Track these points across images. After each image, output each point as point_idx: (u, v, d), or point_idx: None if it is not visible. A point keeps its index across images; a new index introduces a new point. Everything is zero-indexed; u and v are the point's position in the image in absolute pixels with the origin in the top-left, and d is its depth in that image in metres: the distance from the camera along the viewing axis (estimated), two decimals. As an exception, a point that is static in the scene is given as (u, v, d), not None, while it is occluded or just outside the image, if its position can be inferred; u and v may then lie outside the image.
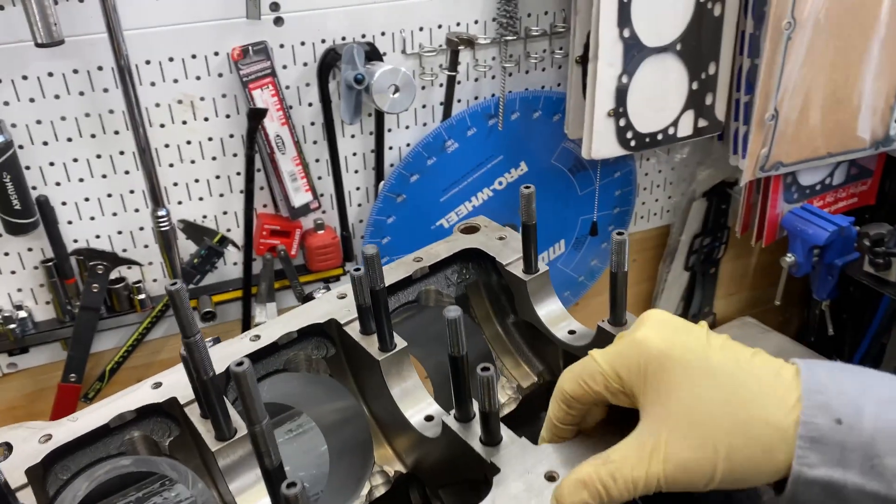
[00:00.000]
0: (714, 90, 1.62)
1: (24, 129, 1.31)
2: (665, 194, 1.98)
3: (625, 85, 1.51)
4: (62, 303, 1.45)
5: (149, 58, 1.34)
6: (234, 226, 1.54)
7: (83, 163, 1.37)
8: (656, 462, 0.55)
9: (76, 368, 1.48)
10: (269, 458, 0.54)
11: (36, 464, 0.66)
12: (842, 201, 1.92)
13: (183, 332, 0.61)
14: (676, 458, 0.55)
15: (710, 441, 0.54)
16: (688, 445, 0.55)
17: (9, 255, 1.40)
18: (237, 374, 0.50)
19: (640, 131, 1.58)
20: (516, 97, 1.62)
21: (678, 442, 0.55)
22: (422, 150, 1.58)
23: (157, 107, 1.38)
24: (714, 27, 1.56)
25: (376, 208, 1.59)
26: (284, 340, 0.79)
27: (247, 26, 1.37)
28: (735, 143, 1.68)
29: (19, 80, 1.28)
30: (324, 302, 0.83)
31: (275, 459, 0.54)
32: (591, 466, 0.57)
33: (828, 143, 1.69)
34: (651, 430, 0.57)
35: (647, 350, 0.58)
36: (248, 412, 0.52)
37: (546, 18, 1.59)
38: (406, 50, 1.50)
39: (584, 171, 1.78)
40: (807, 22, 1.51)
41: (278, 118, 1.43)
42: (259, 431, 0.53)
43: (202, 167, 1.46)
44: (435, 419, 0.73)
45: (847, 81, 1.63)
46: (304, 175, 1.50)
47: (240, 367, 0.50)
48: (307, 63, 1.44)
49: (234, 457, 0.68)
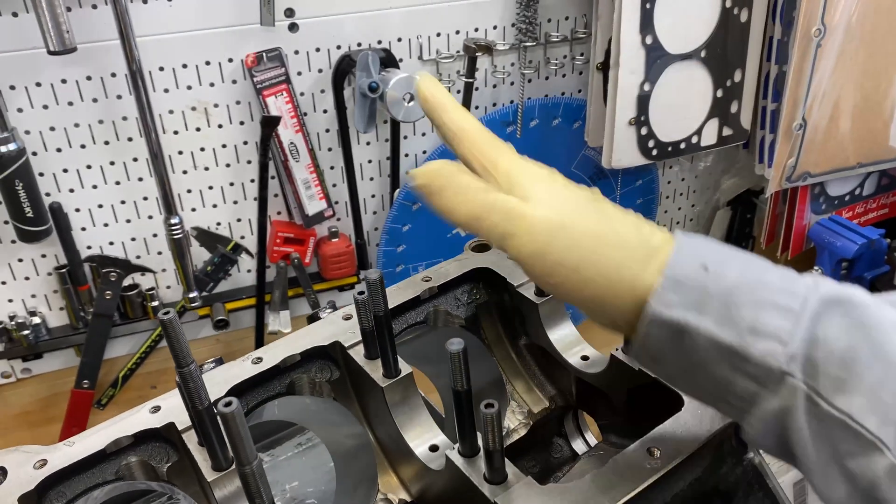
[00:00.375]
0: (740, 98, 1.58)
1: (37, 136, 1.31)
2: (688, 203, 1.93)
3: (647, 93, 1.47)
4: (75, 309, 1.45)
5: (162, 64, 1.32)
6: (247, 233, 1.53)
7: (96, 169, 1.37)
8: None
9: (89, 375, 1.48)
10: (261, 498, 0.52)
11: (30, 490, 0.65)
12: (872, 212, 1.86)
13: (177, 361, 0.58)
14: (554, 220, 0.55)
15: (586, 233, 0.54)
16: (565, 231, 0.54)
17: (23, 261, 1.39)
18: (224, 415, 0.48)
19: (662, 140, 1.54)
20: (535, 104, 1.59)
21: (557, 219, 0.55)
22: (438, 157, 1.55)
23: (170, 113, 1.37)
24: (740, 33, 1.51)
25: (392, 216, 1.57)
26: (287, 363, 0.77)
27: (261, 32, 1.35)
28: (761, 152, 1.63)
29: (33, 87, 1.27)
30: (328, 323, 0.80)
31: (266, 500, 0.52)
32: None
33: (858, 153, 1.64)
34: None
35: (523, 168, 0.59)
36: (238, 453, 0.50)
37: (566, 24, 1.56)
38: (423, 56, 1.48)
39: (605, 179, 1.74)
40: (837, 28, 1.46)
41: (292, 125, 1.42)
42: (249, 472, 0.50)
43: (216, 174, 1.45)
44: (440, 450, 0.70)
45: (878, 89, 1.57)
46: (318, 182, 1.48)
47: (228, 407, 0.48)
48: (322, 69, 1.42)
49: (231, 487, 0.65)
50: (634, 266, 0.53)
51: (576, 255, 0.54)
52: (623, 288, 0.53)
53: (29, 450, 0.69)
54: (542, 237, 0.54)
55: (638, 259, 0.53)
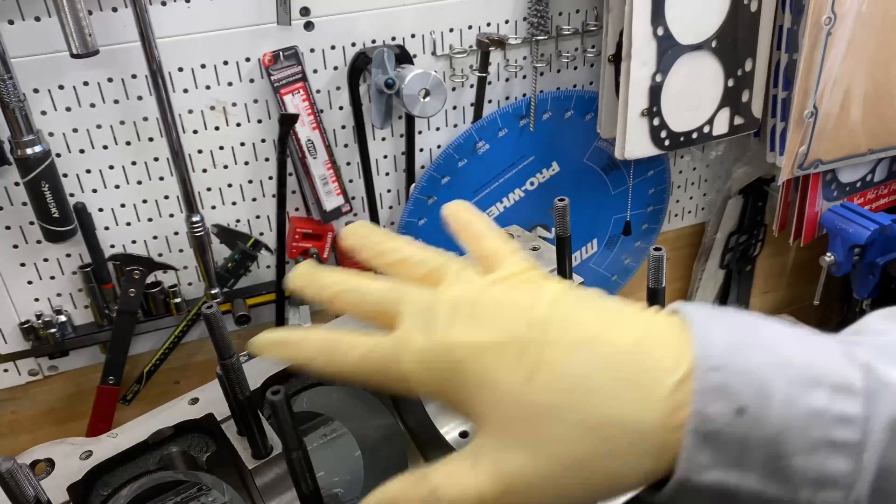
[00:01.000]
0: (751, 87, 1.59)
1: (60, 138, 1.33)
2: (700, 192, 1.95)
3: (659, 84, 1.48)
4: (100, 307, 1.48)
5: (181, 65, 1.35)
6: (266, 230, 1.55)
7: (119, 170, 1.39)
8: (482, 475, 0.43)
9: (114, 371, 1.50)
10: (306, 482, 0.54)
11: (78, 481, 0.68)
12: (883, 198, 1.87)
13: (219, 354, 0.61)
14: (505, 472, 0.43)
15: (551, 450, 0.41)
16: (521, 457, 0.42)
17: (48, 261, 1.42)
18: (273, 403, 0.51)
19: (674, 130, 1.55)
20: (548, 97, 1.60)
21: (509, 452, 0.42)
22: (453, 151, 1.57)
23: (189, 113, 1.39)
24: (750, 23, 1.52)
25: (407, 210, 1.59)
26: (319, 355, 0.79)
27: (277, 32, 1.37)
28: (772, 141, 1.65)
29: (56, 89, 1.29)
30: (357, 316, 0.82)
31: (311, 484, 0.54)
32: (403, 484, 0.47)
33: (869, 140, 1.65)
34: (479, 438, 0.45)
35: (457, 353, 0.44)
36: (285, 439, 0.52)
37: (578, 17, 1.57)
38: (436, 52, 1.49)
39: (617, 170, 1.76)
40: (847, 16, 1.47)
41: (309, 122, 1.44)
42: (296, 458, 0.53)
43: (235, 172, 1.47)
44: (470, 435, 0.73)
45: (889, 76, 1.58)
46: (335, 178, 1.50)
47: (276, 395, 0.51)
48: (337, 67, 1.44)
49: (271, 475, 0.68)
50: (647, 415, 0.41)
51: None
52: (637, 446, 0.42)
53: (74, 441, 0.72)
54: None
55: (647, 399, 0.42)
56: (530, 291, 0.46)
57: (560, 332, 0.43)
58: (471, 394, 0.44)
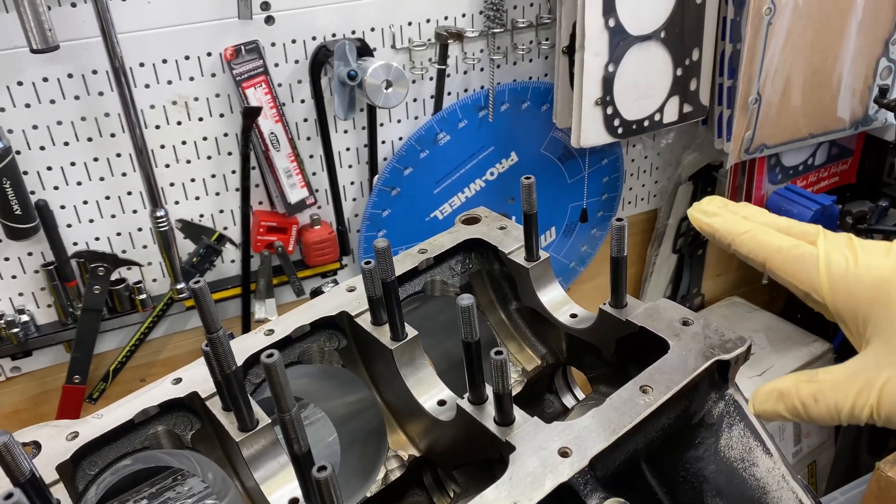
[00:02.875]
0: (698, 76, 1.66)
1: (20, 135, 1.32)
2: (652, 179, 2.02)
3: (611, 73, 1.54)
4: (64, 305, 1.47)
5: (143, 60, 1.35)
6: (230, 224, 1.56)
7: (80, 166, 1.39)
8: (869, 393, 0.50)
9: (80, 370, 1.50)
10: (299, 444, 0.57)
11: (65, 461, 0.69)
12: (824, 181, 1.96)
13: (207, 328, 0.63)
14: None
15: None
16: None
17: (9, 259, 1.41)
18: (268, 365, 0.53)
19: (626, 118, 1.61)
20: (505, 88, 1.65)
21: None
22: (414, 143, 1.60)
23: (151, 108, 1.39)
24: (696, 14, 1.59)
25: (371, 202, 1.62)
26: (298, 334, 0.82)
27: (239, 26, 1.38)
28: (720, 127, 1.72)
29: (14, 86, 1.29)
30: (333, 295, 0.85)
31: (304, 445, 0.57)
32: (794, 380, 0.53)
33: (809, 125, 1.73)
34: (873, 362, 0.51)
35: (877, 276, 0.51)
36: (279, 400, 0.55)
37: (532, 10, 1.62)
38: (396, 45, 1.52)
39: (573, 159, 1.81)
40: (786, 7, 1.55)
41: (272, 116, 1.45)
42: (289, 419, 0.55)
43: (198, 167, 1.48)
44: (448, 403, 0.76)
45: (826, 64, 1.67)
46: (299, 171, 1.52)
47: (270, 358, 0.53)
48: (298, 60, 1.46)
49: (257, 447, 0.70)
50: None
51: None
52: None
53: (59, 424, 0.73)
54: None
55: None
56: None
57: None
58: (881, 310, 0.50)
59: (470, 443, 0.71)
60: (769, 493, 0.70)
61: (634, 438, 0.66)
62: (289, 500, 0.68)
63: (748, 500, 0.69)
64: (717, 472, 0.70)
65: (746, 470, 0.71)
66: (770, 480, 0.70)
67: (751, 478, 0.70)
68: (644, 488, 0.66)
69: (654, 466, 0.68)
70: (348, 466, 0.87)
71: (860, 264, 0.53)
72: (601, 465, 0.63)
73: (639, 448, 0.66)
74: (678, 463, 0.70)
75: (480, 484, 0.68)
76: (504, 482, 0.61)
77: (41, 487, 0.60)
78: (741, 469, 0.70)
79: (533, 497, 0.60)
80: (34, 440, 0.71)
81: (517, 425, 0.67)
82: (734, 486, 0.70)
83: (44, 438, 0.71)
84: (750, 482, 0.70)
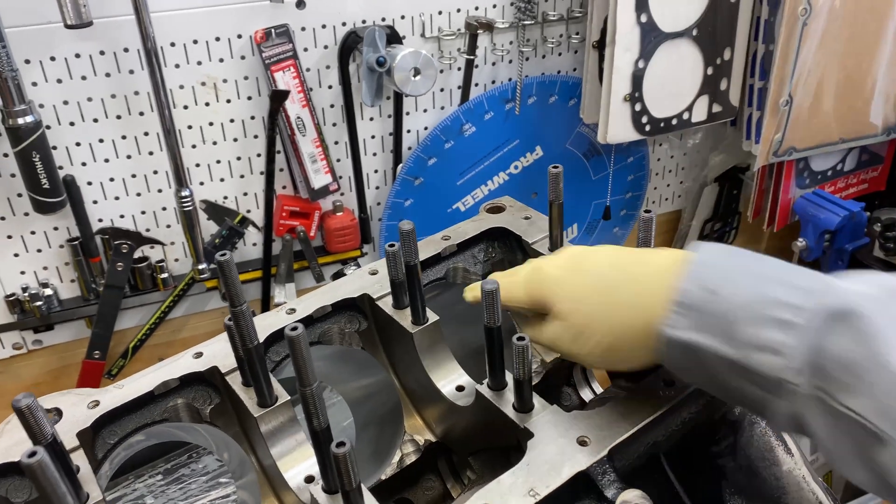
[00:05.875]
0: (729, 76, 1.64)
1: (51, 110, 1.33)
2: (677, 179, 2.00)
3: (641, 70, 1.53)
4: (87, 281, 1.48)
5: (174, 40, 1.36)
6: (254, 207, 1.56)
7: (108, 143, 1.40)
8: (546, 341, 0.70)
9: (100, 345, 1.51)
10: (318, 419, 0.57)
11: (86, 428, 0.69)
12: (853, 187, 1.93)
13: (231, 301, 0.63)
14: (562, 349, 0.70)
15: (590, 341, 0.66)
16: (571, 343, 0.67)
17: (35, 233, 1.42)
18: (292, 338, 0.53)
19: (655, 116, 1.60)
20: (533, 81, 1.64)
21: (565, 342, 0.68)
22: (440, 133, 1.60)
23: (180, 89, 1.40)
24: (730, 13, 1.57)
25: (394, 191, 1.62)
26: (319, 314, 0.82)
27: (270, 9, 1.39)
28: (748, 129, 1.70)
29: (47, 60, 1.30)
30: (356, 278, 0.85)
31: (323, 421, 0.57)
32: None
33: (840, 129, 1.71)
34: (551, 326, 0.69)
35: (542, 274, 0.71)
36: (301, 374, 0.55)
37: (563, 3, 1.61)
38: (425, 34, 1.52)
39: (598, 155, 1.80)
40: (822, 9, 1.53)
41: (299, 100, 1.46)
42: (310, 393, 0.55)
43: (224, 148, 1.49)
44: (466, 389, 0.76)
45: (860, 68, 1.64)
46: (323, 157, 1.52)
47: (294, 331, 0.53)
48: (328, 46, 1.46)
49: (275, 423, 0.70)
50: (648, 301, 0.63)
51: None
52: (640, 320, 0.63)
53: (81, 392, 0.74)
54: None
55: (650, 294, 0.63)
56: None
57: (592, 251, 0.71)
58: (551, 293, 0.69)
59: (487, 429, 0.71)
60: (789, 494, 0.69)
61: (655, 431, 0.65)
62: (304, 476, 0.68)
63: (767, 498, 0.68)
64: (737, 469, 0.69)
65: (767, 469, 0.70)
66: (790, 481, 0.69)
67: (771, 477, 0.69)
68: (662, 482, 0.66)
69: (674, 461, 0.67)
70: (363, 448, 0.87)
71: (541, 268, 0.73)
72: (620, 456, 0.63)
73: (659, 441, 0.66)
74: (698, 458, 0.69)
75: (496, 471, 0.67)
76: (521, 468, 0.61)
77: (62, 452, 0.61)
78: (761, 468, 0.69)
79: (550, 484, 0.60)
80: (56, 407, 0.72)
81: (536, 412, 0.66)
82: (753, 485, 0.69)
83: (66, 405, 0.72)
84: (770, 481, 0.69)
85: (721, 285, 0.58)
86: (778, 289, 0.57)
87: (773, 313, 0.56)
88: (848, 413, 0.53)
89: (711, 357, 0.58)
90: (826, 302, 0.55)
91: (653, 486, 0.62)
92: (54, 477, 0.49)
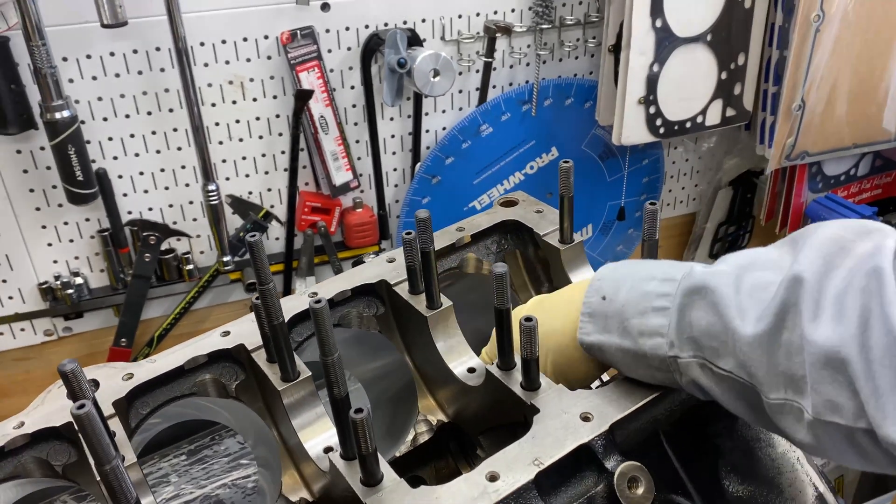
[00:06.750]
0: (742, 80, 1.67)
1: (86, 105, 1.39)
2: (691, 183, 2.03)
3: (656, 73, 1.56)
4: (116, 271, 1.54)
5: (203, 40, 1.41)
6: (277, 202, 1.62)
7: (139, 138, 1.46)
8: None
9: (127, 333, 1.57)
10: (338, 387, 0.61)
11: (121, 398, 0.74)
12: (865, 192, 1.95)
13: (259, 279, 0.68)
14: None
15: (546, 362, 0.77)
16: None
17: (68, 224, 1.48)
18: (316, 310, 0.57)
19: (669, 119, 1.63)
20: (550, 84, 1.68)
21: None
22: (457, 133, 1.64)
23: (209, 87, 1.46)
24: (744, 19, 1.60)
25: (412, 189, 1.66)
26: (339, 298, 0.86)
27: (295, 11, 1.44)
28: (762, 133, 1.73)
29: (83, 58, 1.36)
30: (374, 265, 0.89)
31: (343, 390, 0.61)
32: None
33: (853, 134, 1.73)
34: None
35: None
36: (323, 345, 0.59)
37: (580, 8, 1.65)
38: (445, 37, 1.57)
39: (613, 157, 1.84)
40: (835, 15, 1.55)
41: (323, 100, 1.51)
42: (331, 363, 0.60)
43: (249, 145, 1.54)
44: (477, 371, 0.80)
45: (873, 74, 1.67)
46: (345, 155, 1.57)
47: (318, 303, 0.57)
48: (351, 47, 1.51)
49: (297, 396, 0.75)
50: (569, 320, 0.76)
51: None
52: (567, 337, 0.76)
53: (116, 366, 0.79)
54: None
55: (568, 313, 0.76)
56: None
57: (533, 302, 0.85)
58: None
59: (496, 407, 0.75)
60: (783, 474, 0.73)
61: (654, 409, 0.69)
62: (324, 447, 0.73)
63: (762, 478, 0.72)
64: (734, 449, 0.72)
65: (762, 450, 0.73)
66: (784, 462, 0.73)
67: (766, 457, 0.73)
68: (661, 458, 0.69)
69: (673, 438, 0.71)
70: (378, 425, 0.91)
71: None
72: (620, 432, 0.66)
73: (659, 419, 0.69)
74: (696, 437, 0.72)
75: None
76: (527, 440, 0.65)
77: (101, 414, 0.65)
78: (757, 448, 0.73)
79: (553, 455, 0.63)
80: (93, 378, 0.77)
81: (542, 391, 0.70)
82: (749, 464, 0.72)
83: (102, 377, 0.77)
84: (765, 461, 0.73)
85: (613, 291, 0.70)
86: (653, 283, 0.68)
87: (652, 303, 0.67)
88: (725, 373, 0.62)
89: (616, 351, 0.69)
90: (685, 283, 0.65)
91: (652, 461, 0.65)
92: (100, 427, 0.53)
